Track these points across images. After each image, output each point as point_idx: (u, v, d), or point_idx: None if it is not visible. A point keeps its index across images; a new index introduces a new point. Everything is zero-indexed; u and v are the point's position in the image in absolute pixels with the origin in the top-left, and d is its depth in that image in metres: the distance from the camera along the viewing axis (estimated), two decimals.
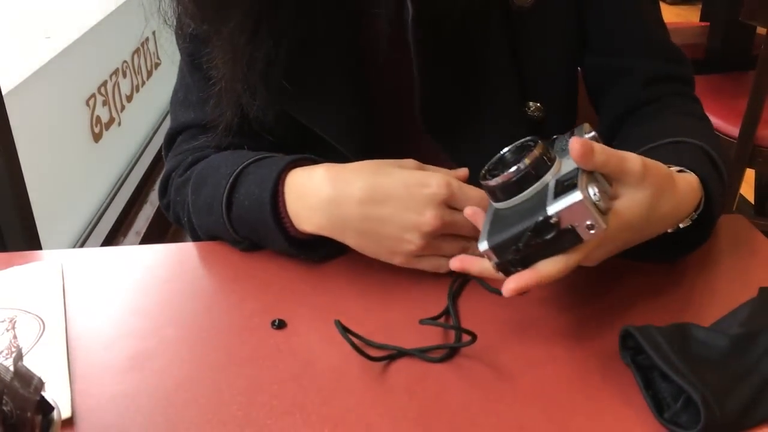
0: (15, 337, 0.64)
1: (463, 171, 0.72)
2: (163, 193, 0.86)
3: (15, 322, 0.66)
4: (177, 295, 0.73)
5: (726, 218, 0.79)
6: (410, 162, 0.70)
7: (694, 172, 0.66)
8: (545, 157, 0.59)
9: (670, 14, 4.59)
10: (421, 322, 0.64)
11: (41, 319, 0.66)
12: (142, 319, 0.69)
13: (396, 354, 0.61)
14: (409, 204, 0.66)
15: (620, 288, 0.69)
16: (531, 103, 0.82)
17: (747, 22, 1.71)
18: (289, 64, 0.77)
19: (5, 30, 1.72)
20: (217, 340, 0.65)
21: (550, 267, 0.56)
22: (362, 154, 0.76)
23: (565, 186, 0.55)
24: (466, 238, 0.69)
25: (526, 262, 0.56)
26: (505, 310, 0.66)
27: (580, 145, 0.55)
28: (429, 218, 0.66)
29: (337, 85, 0.81)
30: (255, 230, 0.75)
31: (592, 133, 0.61)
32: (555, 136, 0.64)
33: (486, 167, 0.62)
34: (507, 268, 0.57)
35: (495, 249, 0.57)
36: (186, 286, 0.74)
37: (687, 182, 0.64)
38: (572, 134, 0.62)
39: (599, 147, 0.56)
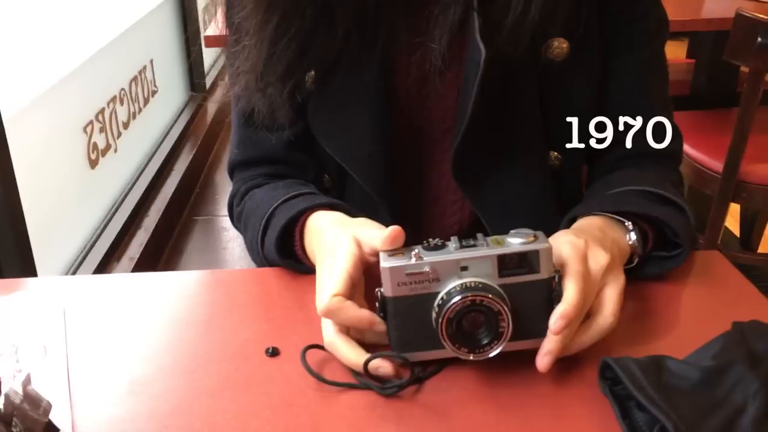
0: (18, 361, 0.66)
1: (396, 231, 0.66)
2: (231, 215, 0.96)
3: (18, 348, 0.68)
4: (173, 323, 0.75)
5: (704, 254, 0.82)
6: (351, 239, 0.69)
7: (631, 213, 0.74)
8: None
9: None
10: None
11: (43, 346, 0.69)
12: (139, 345, 0.71)
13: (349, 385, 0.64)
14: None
15: None
16: (551, 153, 0.85)
17: (730, 61, 1.76)
18: (317, 86, 0.83)
19: (6, 58, 1.75)
20: (212, 367, 0.68)
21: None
22: (377, 187, 0.83)
23: None
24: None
25: None
26: None
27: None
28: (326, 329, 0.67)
29: (364, 122, 0.84)
30: (283, 266, 0.81)
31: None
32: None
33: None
34: None
35: None
36: (182, 315, 0.77)
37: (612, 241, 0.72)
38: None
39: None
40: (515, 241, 0.63)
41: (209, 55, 3.70)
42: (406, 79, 0.84)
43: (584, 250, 0.66)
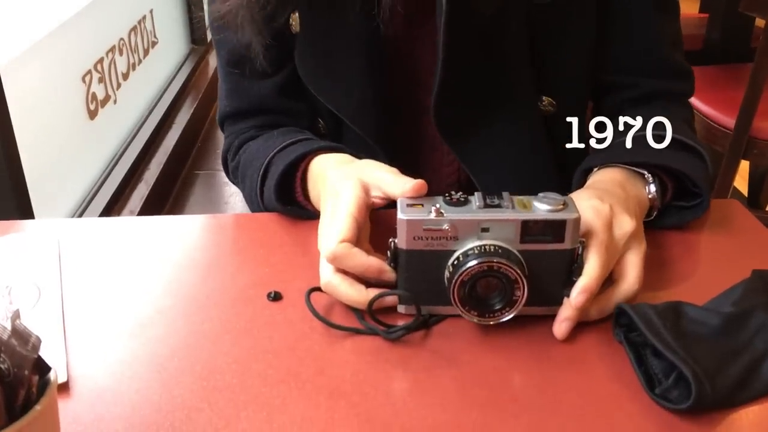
0: (11, 303, 0.64)
1: (420, 184, 0.63)
2: (226, 170, 0.94)
3: (11, 289, 0.66)
4: (173, 267, 0.73)
5: (721, 203, 0.80)
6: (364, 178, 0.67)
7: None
8: None
9: None
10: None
11: (37, 287, 0.66)
12: (138, 289, 0.69)
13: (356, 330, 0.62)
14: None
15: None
16: (544, 98, 0.82)
17: (746, 14, 1.71)
18: (302, 29, 0.80)
19: (2, 4, 1.70)
20: (213, 311, 0.65)
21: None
22: (371, 133, 0.81)
23: None
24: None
25: None
26: None
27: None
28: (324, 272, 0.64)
29: (353, 65, 0.81)
30: (285, 213, 0.79)
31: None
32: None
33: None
34: None
35: None
36: (182, 258, 0.75)
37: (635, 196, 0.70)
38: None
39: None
40: (543, 207, 0.59)
41: None
42: (391, 21, 0.79)
43: (609, 218, 0.63)
